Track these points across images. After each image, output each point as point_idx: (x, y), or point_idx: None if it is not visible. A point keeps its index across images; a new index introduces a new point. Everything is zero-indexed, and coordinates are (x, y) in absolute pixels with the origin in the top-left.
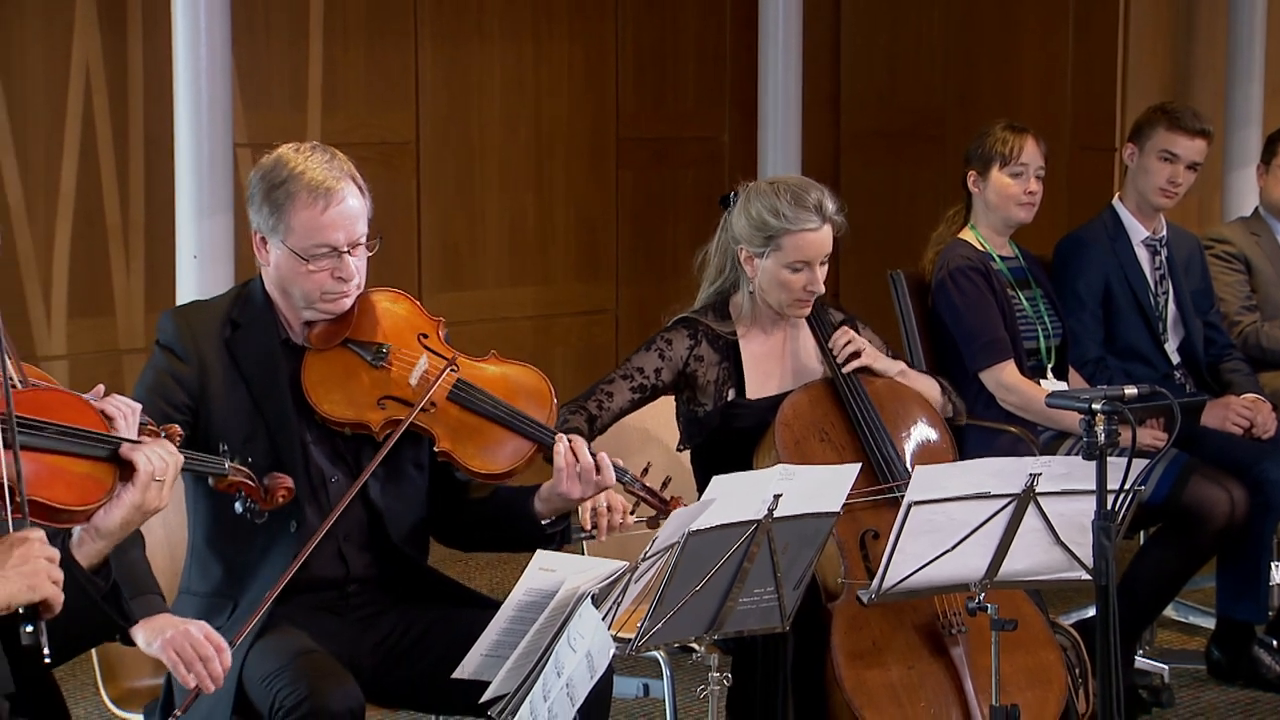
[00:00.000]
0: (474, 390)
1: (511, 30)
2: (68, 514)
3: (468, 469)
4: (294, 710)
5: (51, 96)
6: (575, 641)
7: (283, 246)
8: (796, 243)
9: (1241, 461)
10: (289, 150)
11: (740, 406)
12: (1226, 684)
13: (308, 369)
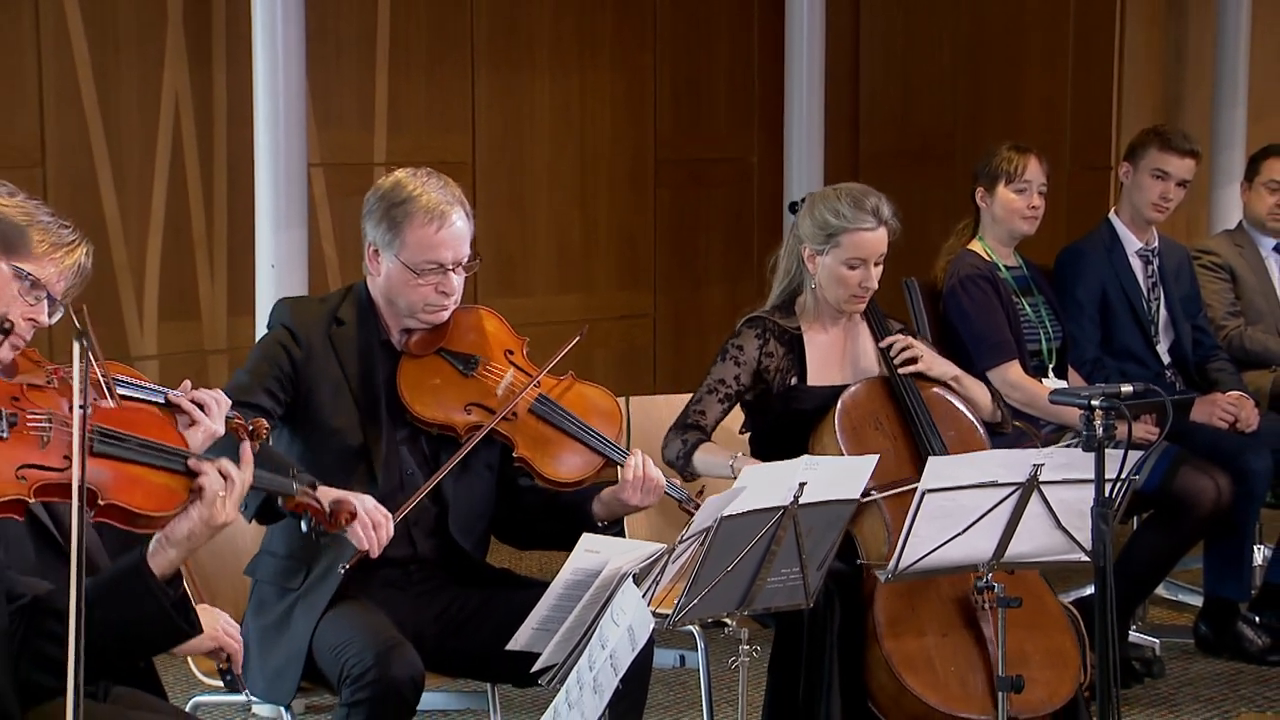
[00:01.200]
0: (554, 406)
1: (559, 61)
2: (145, 519)
3: (542, 476)
4: (360, 679)
5: (144, 122)
6: (618, 617)
7: (396, 260)
8: (854, 240)
9: (1227, 453)
10: (406, 175)
11: (801, 391)
12: (1213, 656)
13: (404, 372)
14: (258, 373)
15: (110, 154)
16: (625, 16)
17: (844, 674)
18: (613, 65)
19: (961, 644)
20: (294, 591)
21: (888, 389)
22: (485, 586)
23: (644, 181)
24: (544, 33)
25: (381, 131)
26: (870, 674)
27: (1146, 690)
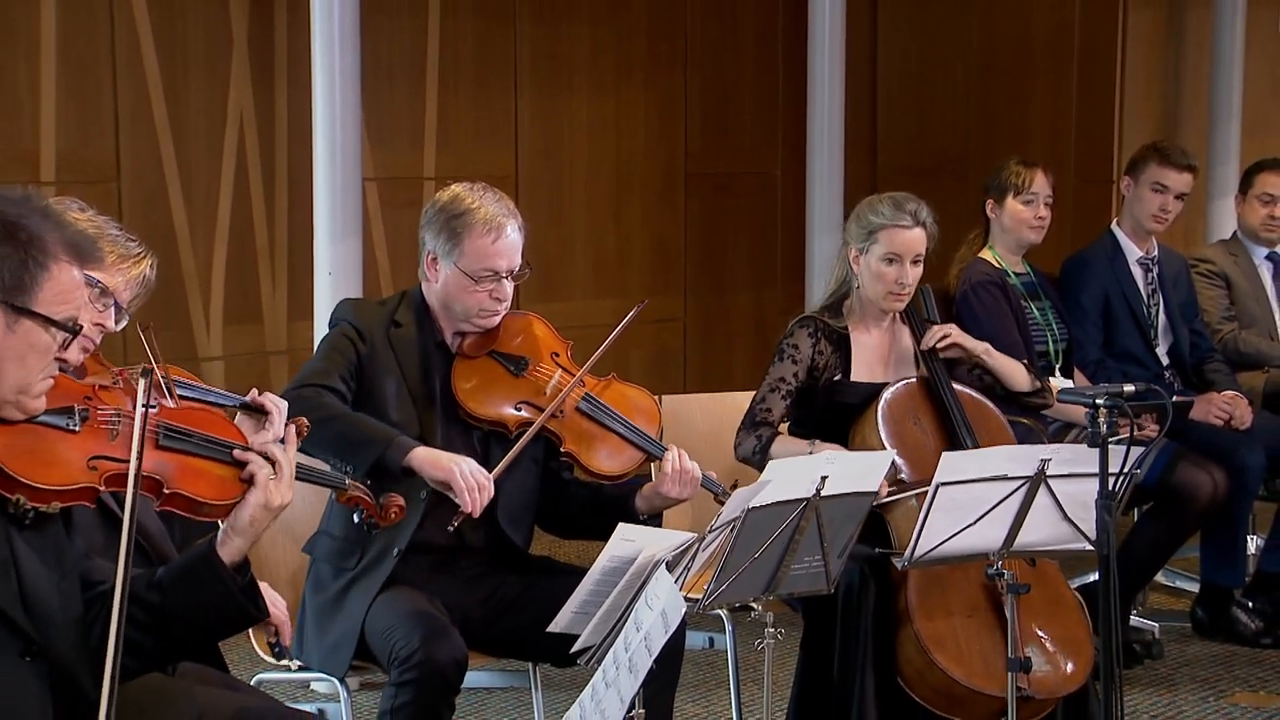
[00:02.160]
0: (598, 404)
1: (596, 82)
2: (208, 507)
3: (587, 469)
4: (407, 660)
5: (211, 140)
6: (652, 601)
7: (454, 268)
8: (891, 237)
9: (1223, 449)
10: (463, 189)
11: (845, 386)
12: (1209, 639)
13: (457, 372)
14: (331, 361)
15: (179, 170)
16: (657, 41)
17: (880, 654)
18: (646, 86)
19: (986, 625)
20: (349, 571)
21: (927, 389)
22: (528, 573)
23: (675, 194)
24: (582, 56)
25: (431, 148)
26: (900, 651)
27: (1146, 671)
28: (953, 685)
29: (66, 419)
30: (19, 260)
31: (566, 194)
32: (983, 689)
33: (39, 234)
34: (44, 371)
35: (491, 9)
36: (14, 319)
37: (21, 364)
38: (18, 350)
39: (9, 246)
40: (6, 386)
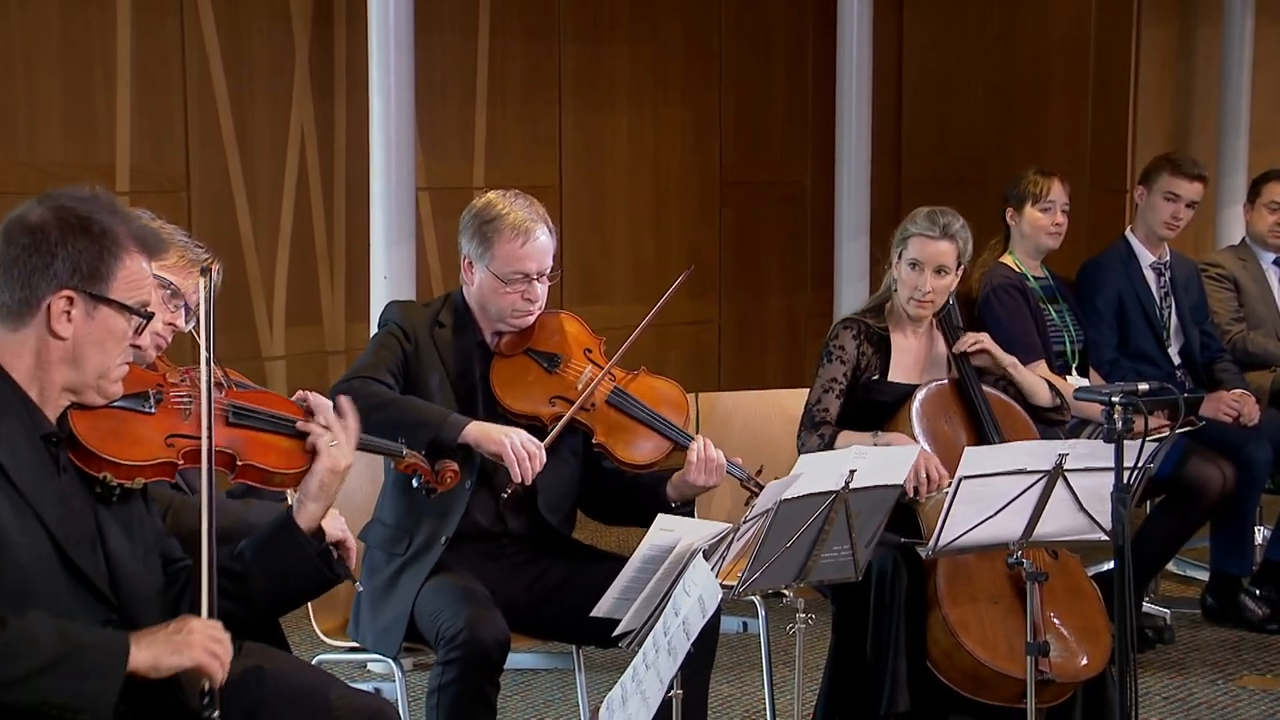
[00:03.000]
0: (628, 397)
1: (635, 98)
2: (279, 477)
3: (617, 459)
4: (453, 640)
5: (274, 152)
6: (689, 588)
7: (487, 271)
8: (917, 243)
9: (1232, 444)
10: (497, 195)
11: (882, 385)
12: (1218, 625)
13: (495, 370)
14: (379, 357)
15: (245, 180)
16: (694, 59)
17: (912, 638)
18: (683, 101)
19: (1010, 611)
20: (400, 557)
21: (958, 391)
22: (571, 559)
23: (710, 203)
24: (623, 73)
25: (480, 160)
26: (929, 634)
27: (1158, 655)
28: (978, 667)
29: (142, 402)
30: (95, 252)
31: (608, 204)
32: (1006, 671)
33: (110, 227)
34: (121, 357)
35: (537, 29)
36: (93, 307)
37: (101, 349)
38: (97, 336)
39: (85, 240)
40: (89, 372)
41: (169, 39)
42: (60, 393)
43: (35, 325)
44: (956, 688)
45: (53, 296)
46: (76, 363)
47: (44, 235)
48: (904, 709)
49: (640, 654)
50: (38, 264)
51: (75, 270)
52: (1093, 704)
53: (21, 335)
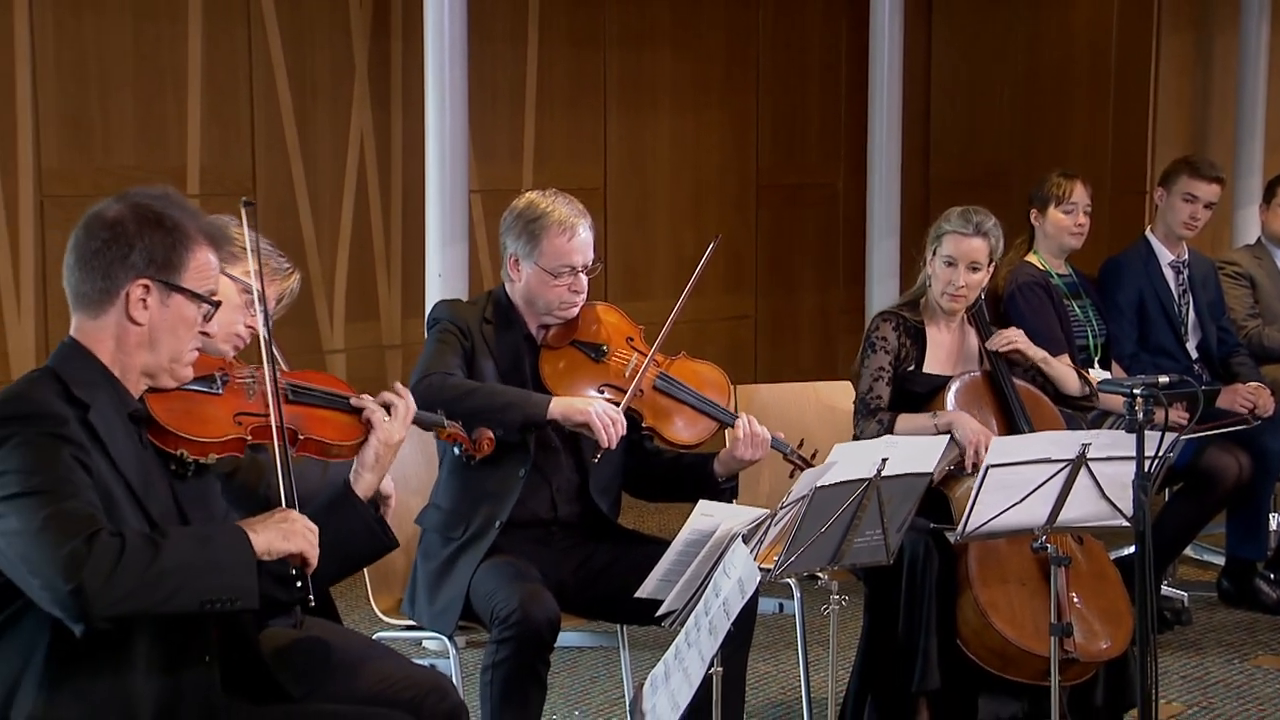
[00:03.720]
0: (673, 381)
1: (676, 103)
2: (336, 449)
3: (666, 440)
4: (506, 619)
5: (335, 158)
6: (729, 570)
7: (535, 266)
8: (952, 241)
9: (1247, 435)
10: (537, 195)
11: (917, 376)
12: (1234, 607)
13: (544, 361)
14: (445, 352)
15: (308, 184)
16: (732, 66)
17: (944, 618)
18: (721, 106)
19: (1037, 593)
20: (456, 540)
21: (990, 382)
22: (616, 544)
23: (747, 204)
24: (664, 80)
25: (529, 163)
26: (960, 614)
27: (1176, 636)
28: (1006, 645)
29: (210, 384)
30: (168, 244)
31: (650, 204)
32: (1032, 650)
33: (181, 222)
34: (192, 342)
35: (583, 38)
36: (166, 294)
37: (174, 335)
38: (170, 323)
39: (159, 233)
40: (164, 355)
41: (236, 51)
42: (139, 376)
43: (115, 312)
44: (985, 665)
45: (130, 285)
46: (153, 346)
47: (122, 229)
48: (935, 686)
49: (682, 633)
50: (116, 255)
51: (151, 261)
52: (1114, 682)
53: (102, 322)
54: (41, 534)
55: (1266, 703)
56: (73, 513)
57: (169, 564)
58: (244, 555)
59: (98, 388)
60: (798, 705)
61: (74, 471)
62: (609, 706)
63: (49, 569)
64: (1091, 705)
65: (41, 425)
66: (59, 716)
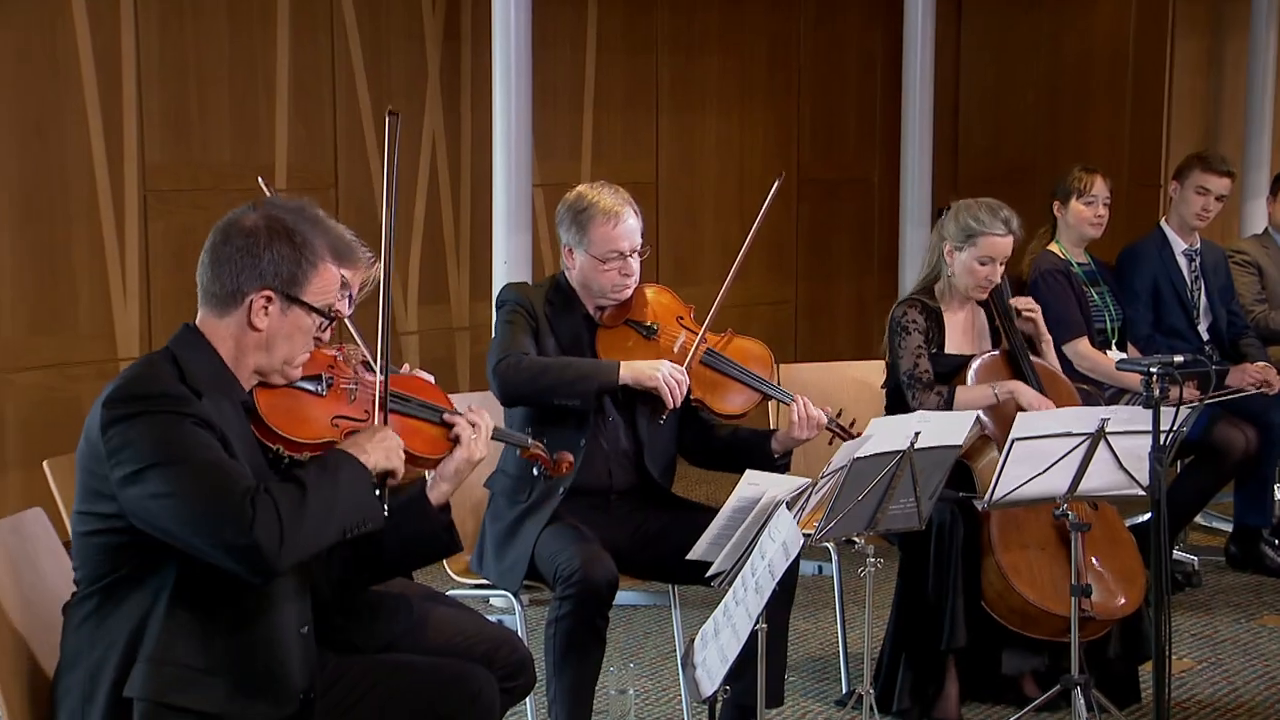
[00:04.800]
0: (719, 356)
1: (723, 104)
2: (424, 460)
3: (713, 412)
4: (569, 579)
5: (409, 153)
6: (774, 534)
7: (586, 254)
8: (988, 242)
9: (1254, 411)
10: (585, 187)
11: (940, 358)
12: (1240, 571)
13: (601, 340)
14: (516, 332)
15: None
16: (775, 69)
17: (964, 577)
18: (765, 106)
19: (1055, 557)
20: (521, 504)
21: (1008, 360)
22: (669, 510)
23: (789, 197)
24: (712, 82)
25: (587, 159)
26: (984, 577)
27: (1187, 597)
28: (1027, 606)
29: (317, 385)
30: (295, 259)
31: (698, 197)
32: (1052, 610)
33: (310, 239)
34: (305, 349)
35: (638, 43)
36: (287, 306)
37: (289, 342)
38: (287, 331)
39: (288, 248)
40: (277, 359)
41: (320, 55)
42: (251, 373)
43: (237, 315)
44: (1007, 624)
45: (255, 294)
46: (268, 350)
47: (254, 240)
48: (961, 643)
49: (730, 592)
50: (247, 264)
51: (277, 274)
52: (1129, 637)
53: (225, 320)
54: (200, 497)
55: (1271, 659)
56: (226, 476)
57: (316, 507)
58: (364, 481)
59: (212, 377)
60: (835, 661)
61: (206, 436)
62: (661, 660)
63: (221, 529)
64: (1107, 659)
65: (166, 404)
66: (175, 658)
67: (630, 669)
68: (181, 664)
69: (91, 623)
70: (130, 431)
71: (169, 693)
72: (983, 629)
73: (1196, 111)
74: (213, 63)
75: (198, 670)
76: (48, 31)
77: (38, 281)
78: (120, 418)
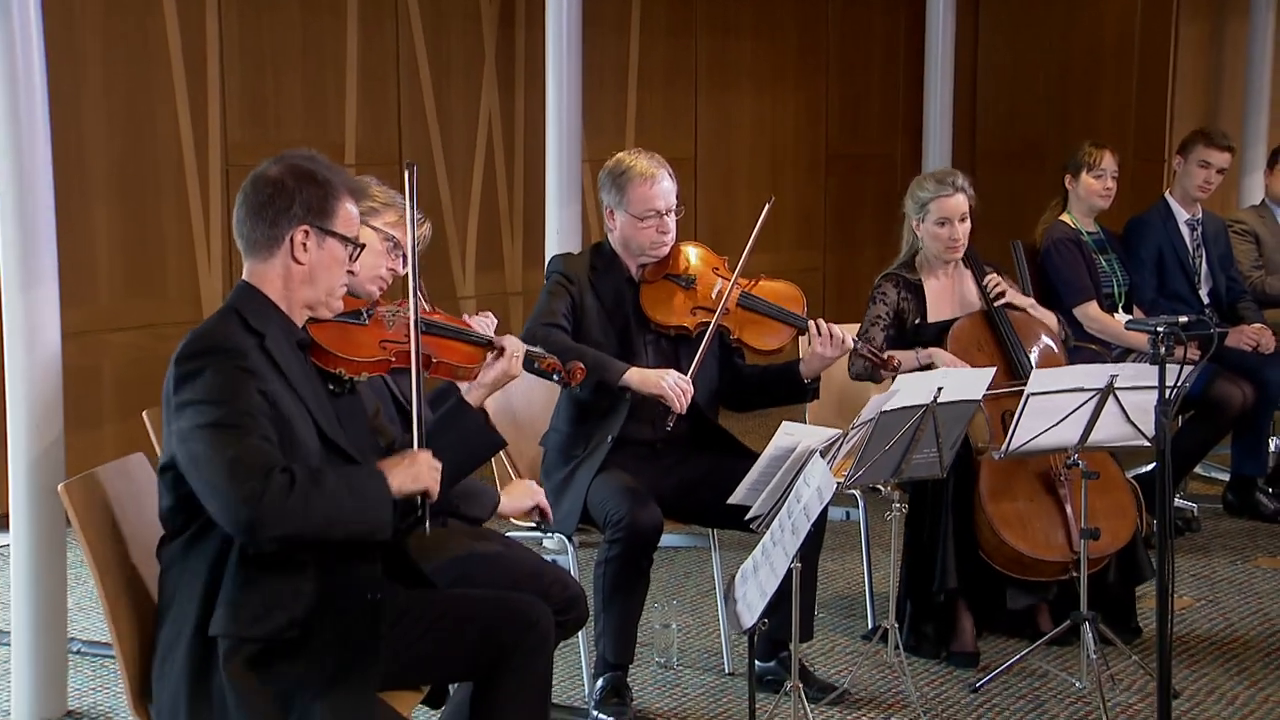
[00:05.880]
0: (754, 298)
1: (756, 84)
2: (462, 370)
3: (752, 348)
4: (619, 523)
5: (467, 131)
6: (809, 480)
7: (626, 214)
8: (939, 205)
9: (1251, 369)
10: (624, 154)
11: (924, 326)
12: (1237, 517)
13: (643, 295)
14: (554, 302)
15: (444, 154)
16: (805, 52)
17: (958, 530)
18: (796, 87)
19: (1045, 507)
20: (575, 458)
21: (986, 320)
22: (710, 459)
23: (817, 172)
24: (746, 64)
25: (630, 136)
26: (979, 532)
27: (1187, 540)
28: (1020, 556)
29: (358, 317)
30: (321, 195)
31: (733, 172)
32: (1044, 557)
33: (329, 178)
34: (342, 279)
35: (678, 28)
36: (322, 238)
37: (329, 272)
38: (326, 261)
39: (314, 187)
40: (320, 290)
41: (386, 40)
42: (301, 308)
43: (281, 255)
44: (1008, 572)
45: (293, 231)
46: (312, 282)
47: (283, 185)
48: (953, 586)
49: (768, 533)
50: (281, 207)
51: (309, 210)
52: (1125, 564)
53: (271, 264)
54: (227, 467)
55: (1264, 597)
56: (254, 450)
57: (326, 505)
58: (383, 498)
59: (269, 320)
60: (861, 600)
61: (255, 404)
62: (699, 597)
63: (231, 499)
64: (1107, 584)
65: (228, 358)
66: (253, 600)
67: (673, 605)
68: (253, 604)
69: (176, 567)
70: (194, 389)
71: (247, 627)
72: (986, 576)
73: (1199, 91)
74: (287, 49)
75: (267, 606)
76: (140, 23)
77: (131, 250)
78: (189, 374)
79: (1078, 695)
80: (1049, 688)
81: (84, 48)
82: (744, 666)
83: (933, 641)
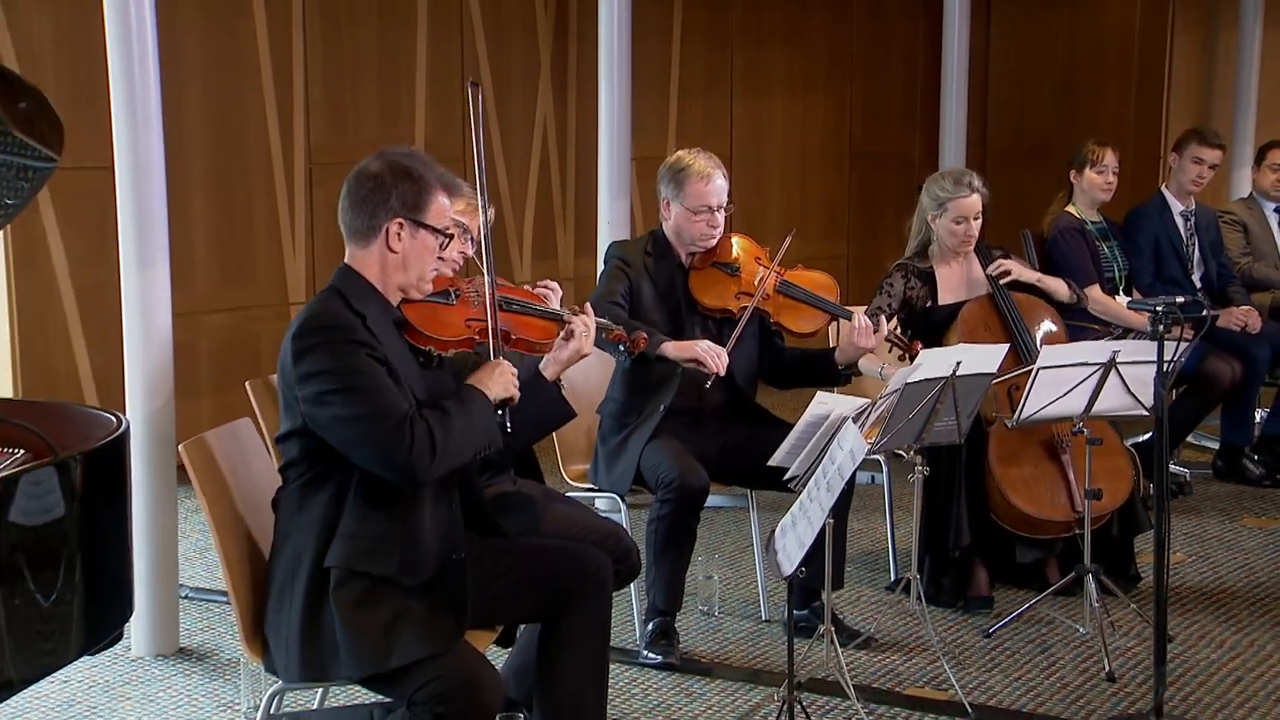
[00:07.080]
0: (793, 285)
1: (787, 88)
2: (539, 345)
3: (789, 331)
4: (669, 485)
5: (524, 134)
6: (842, 444)
7: (681, 206)
8: (957, 205)
9: (1239, 347)
10: (684, 152)
11: (934, 310)
12: (1225, 482)
13: (692, 280)
14: (612, 285)
15: (504, 154)
16: (833, 60)
17: (970, 493)
18: (824, 92)
19: (1049, 472)
20: (628, 426)
21: (992, 302)
22: (751, 427)
23: (842, 169)
24: (778, 70)
25: (672, 136)
26: (989, 496)
27: (1180, 503)
28: (1028, 517)
29: (446, 298)
30: (415, 191)
31: (766, 169)
32: (1050, 517)
33: (424, 174)
34: (433, 266)
35: (715, 37)
36: (415, 230)
37: (420, 259)
38: (418, 250)
39: (409, 182)
40: (413, 275)
41: (452, 50)
42: (395, 290)
43: (379, 243)
44: (1017, 531)
45: (389, 222)
46: (405, 268)
47: (381, 180)
48: (966, 543)
49: (805, 492)
50: (380, 200)
51: (404, 204)
52: (1125, 518)
53: (369, 250)
54: (370, 422)
55: (1250, 553)
56: (390, 405)
57: (457, 433)
58: (488, 409)
59: (369, 301)
60: (885, 556)
61: (375, 367)
62: (738, 553)
63: (388, 453)
64: (1109, 536)
65: (341, 334)
66: (361, 534)
67: (715, 559)
68: (366, 538)
69: (295, 510)
70: (314, 361)
71: (357, 560)
72: (997, 535)
73: (1192, 94)
74: (365, 58)
75: (377, 542)
76: (233, 35)
77: (224, 239)
78: (306, 349)
79: (1081, 640)
80: (1055, 633)
81: (185, 56)
82: (778, 614)
83: (950, 593)
